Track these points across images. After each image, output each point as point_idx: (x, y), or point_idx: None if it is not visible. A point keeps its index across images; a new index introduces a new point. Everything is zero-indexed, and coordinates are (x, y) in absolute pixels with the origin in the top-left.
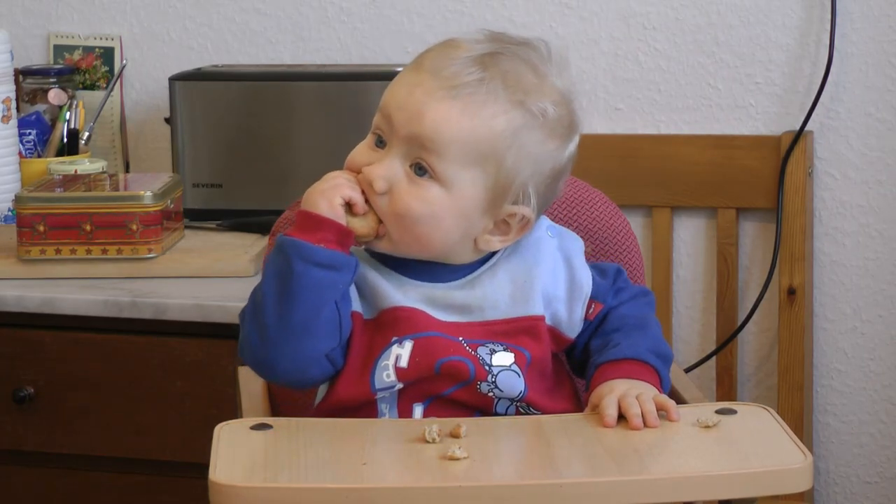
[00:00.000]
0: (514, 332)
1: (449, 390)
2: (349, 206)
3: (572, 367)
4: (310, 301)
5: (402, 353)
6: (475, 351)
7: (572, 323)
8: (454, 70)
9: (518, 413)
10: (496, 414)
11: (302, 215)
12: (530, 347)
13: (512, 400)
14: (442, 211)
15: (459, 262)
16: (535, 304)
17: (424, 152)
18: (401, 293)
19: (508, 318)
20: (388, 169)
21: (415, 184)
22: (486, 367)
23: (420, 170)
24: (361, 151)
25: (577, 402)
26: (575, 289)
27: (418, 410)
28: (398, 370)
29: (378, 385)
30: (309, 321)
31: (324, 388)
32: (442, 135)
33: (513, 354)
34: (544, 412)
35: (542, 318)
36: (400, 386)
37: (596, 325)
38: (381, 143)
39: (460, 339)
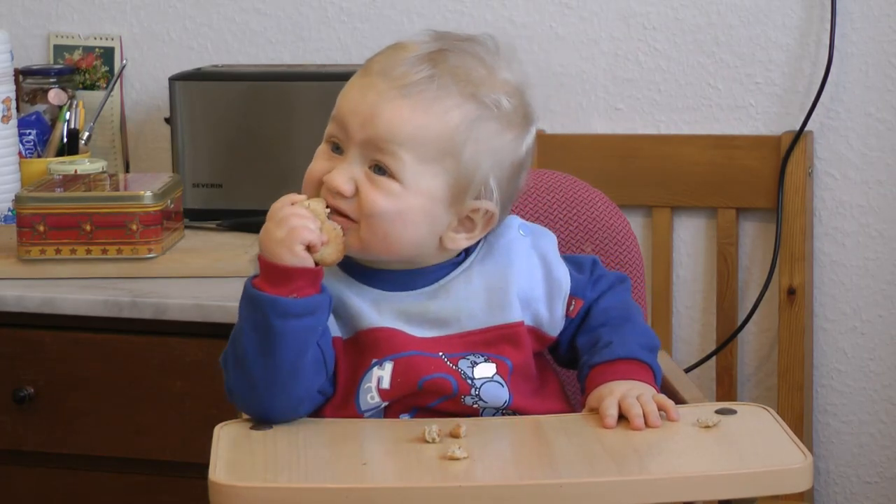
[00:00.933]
0: (493, 340)
1: (433, 403)
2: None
3: (558, 361)
4: (293, 349)
5: (382, 374)
6: (456, 365)
7: (553, 321)
8: (403, 70)
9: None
10: None
11: (267, 267)
12: (511, 355)
13: (497, 409)
14: (406, 207)
15: (428, 264)
16: (513, 310)
17: (380, 153)
18: (376, 311)
19: (487, 328)
20: (348, 172)
21: (377, 184)
22: (469, 381)
23: (379, 170)
24: (319, 162)
25: (564, 398)
26: (553, 287)
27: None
28: (381, 391)
29: (364, 407)
30: (295, 366)
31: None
32: (396, 134)
33: (494, 364)
34: (531, 415)
35: (520, 324)
36: (385, 404)
37: (579, 322)
38: (337, 149)
39: (440, 354)
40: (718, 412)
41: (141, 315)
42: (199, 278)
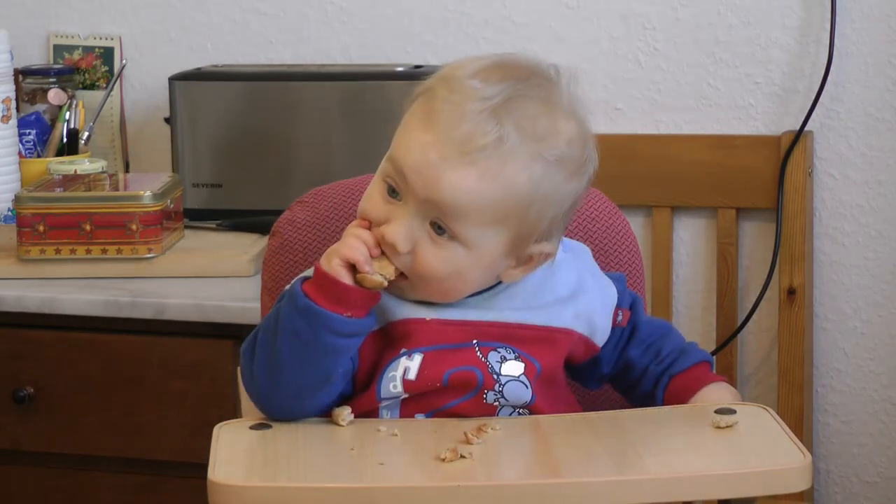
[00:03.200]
0: (530, 339)
1: (453, 402)
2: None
3: (589, 378)
4: (333, 363)
5: (410, 365)
6: (486, 357)
7: (604, 331)
8: (467, 130)
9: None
10: None
11: (327, 281)
12: (543, 358)
13: (516, 407)
14: (465, 268)
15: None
16: (561, 318)
17: (443, 216)
18: (414, 305)
19: (527, 325)
20: (408, 229)
21: (437, 244)
22: (495, 377)
23: (440, 229)
24: (375, 202)
25: (575, 409)
26: (604, 298)
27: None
28: (406, 382)
29: (384, 394)
30: (329, 378)
31: None
32: (461, 201)
33: (523, 365)
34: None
35: (563, 331)
36: (405, 396)
37: (629, 334)
38: (394, 193)
39: (473, 342)
40: (718, 412)
41: (141, 315)
42: (198, 278)
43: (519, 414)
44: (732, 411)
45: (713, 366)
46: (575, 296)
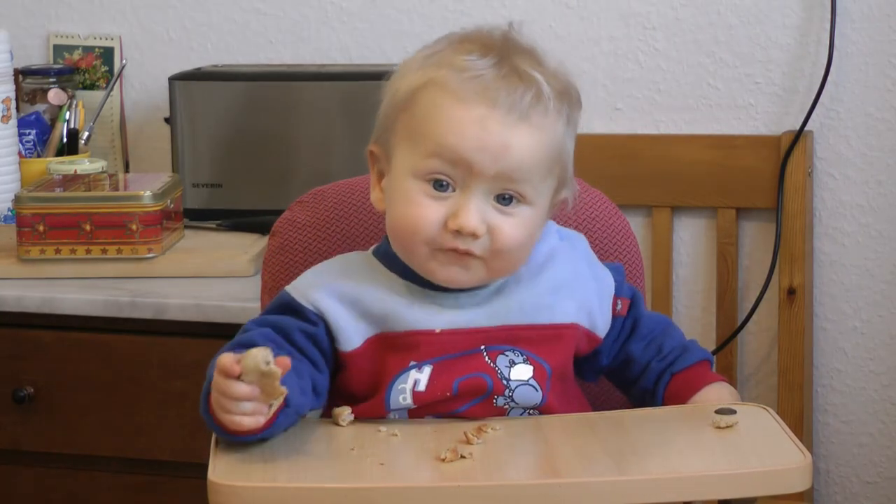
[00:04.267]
0: (538, 339)
1: (463, 407)
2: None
3: (592, 371)
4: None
5: (420, 377)
6: (494, 362)
7: (604, 322)
8: (508, 93)
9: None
10: None
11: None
12: (552, 359)
13: (526, 408)
14: (535, 227)
15: None
16: (564, 313)
17: (512, 183)
18: (422, 311)
19: (534, 325)
20: (479, 212)
21: (508, 215)
22: (505, 382)
23: (505, 200)
24: (427, 206)
25: (585, 407)
26: (602, 288)
27: None
28: (416, 394)
29: (393, 406)
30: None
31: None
32: (528, 161)
33: (532, 367)
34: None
35: (571, 326)
36: (414, 407)
37: (630, 329)
38: (442, 186)
39: (482, 348)
40: (718, 412)
41: (141, 315)
42: (198, 278)
43: (529, 415)
44: (733, 411)
45: (713, 364)
46: (572, 286)
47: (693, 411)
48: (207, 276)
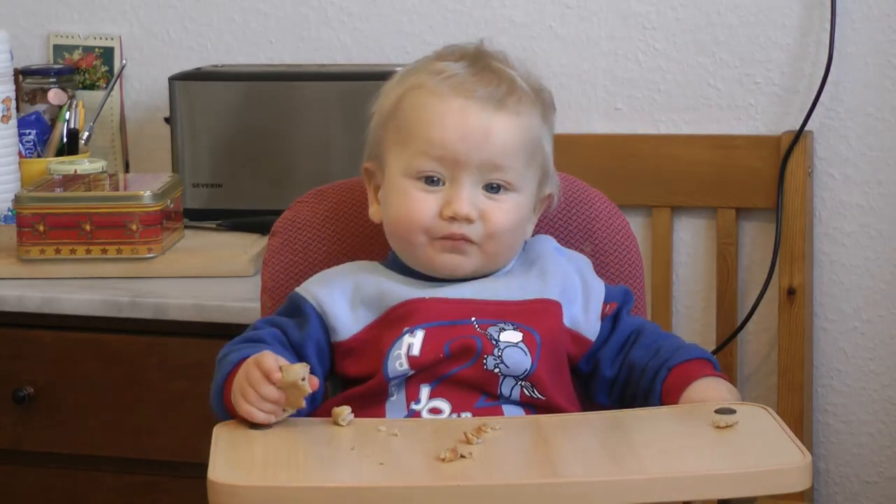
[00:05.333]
0: (526, 312)
1: (455, 370)
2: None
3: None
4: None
5: (413, 341)
6: (485, 331)
7: (589, 324)
8: (483, 86)
9: (522, 395)
10: (501, 395)
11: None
12: (541, 328)
13: (517, 378)
14: (524, 214)
15: None
16: (551, 291)
17: (497, 171)
18: (413, 288)
19: (521, 300)
20: (469, 198)
21: (497, 201)
22: (493, 342)
23: (493, 188)
24: (421, 199)
25: (575, 403)
26: (589, 292)
27: (425, 391)
28: (410, 358)
29: (391, 374)
30: None
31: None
32: (509, 145)
33: (521, 334)
34: (547, 395)
35: (553, 303)
36: (411, 373)
37: (633, 341)
38: (434, 182)
39: (472, 319)
40: (718, 412)
41: (141, 315)
42: (198, 278)
43: (521, 386)
44: (732, 411)
45: (717, 365)
46: (559, 277)
47: (693, 411)
48: (207, 276)
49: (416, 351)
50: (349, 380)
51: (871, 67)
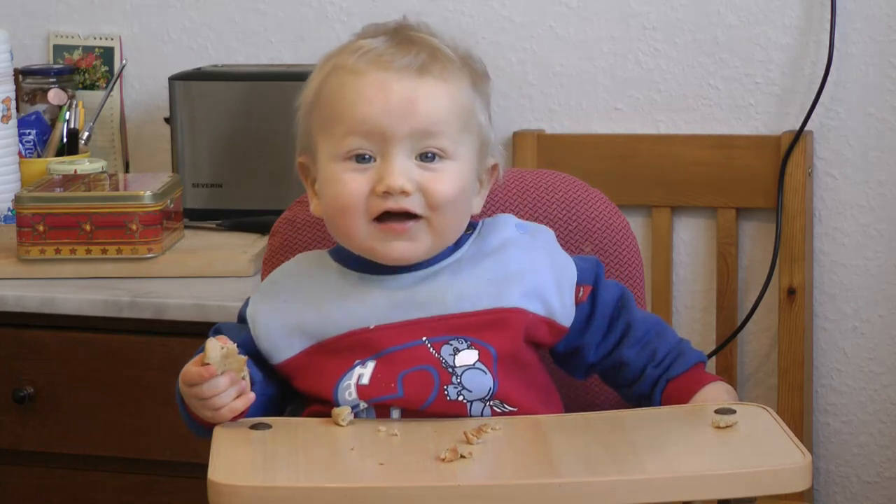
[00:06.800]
0: (479, 326)
1: (420, 407)
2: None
3: (574, 367)
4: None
5: (364, 372)
6: (438, 352)
7: (565, 310)
8: (402, 56)
9: (493, 412)
10: (472, 416)
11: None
12: (495, 342)
13: (483, 399)
14: (466, 181)
15: None
16: (509, 298)
17: (429, 138)
18: (363, 306)
19: (473, 312)
20: (402, 170)
21: (434, 171)
22: (450, 370)
23: (426, 157)
24: (352, 179)
25: (552, 397)
26: (561, 275)
27: (395, 413)
28: (359, 388)
29: (342, 403)
30: None
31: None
32: (438, 110)
33: (476, 352)
34: (519, 405)
35: (513, 311)
36: (364, 406)
37: (622, 332)
38: (364, 160)
39: (423, 339)
40: (717, 412)
41: (141, 315)
42: (198, 278)
43: (490, 406)
44: (732, 411)
45: (706, 364)
46: (522, 274)
47: (693, 411)
48: (207, 276)
49: (365, 381)
50: (308, 397)
51: (871, 67)
